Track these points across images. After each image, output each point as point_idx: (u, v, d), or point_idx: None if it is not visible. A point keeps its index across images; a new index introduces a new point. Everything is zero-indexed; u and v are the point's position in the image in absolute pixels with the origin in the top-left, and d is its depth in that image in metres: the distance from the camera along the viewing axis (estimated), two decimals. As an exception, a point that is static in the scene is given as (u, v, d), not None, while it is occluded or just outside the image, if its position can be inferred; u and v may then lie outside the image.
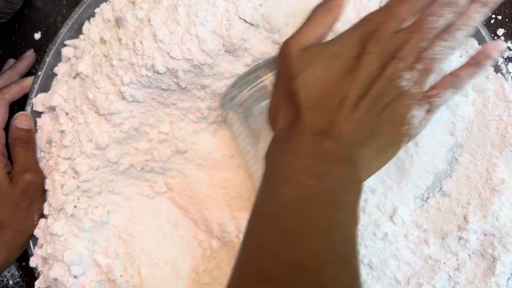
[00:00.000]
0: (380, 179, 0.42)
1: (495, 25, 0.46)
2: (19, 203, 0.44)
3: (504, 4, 0.46)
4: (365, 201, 0.42)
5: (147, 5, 0.41)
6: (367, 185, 0.42)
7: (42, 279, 0.46)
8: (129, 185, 0.46)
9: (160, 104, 0.43)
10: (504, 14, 0.45)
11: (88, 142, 0.43)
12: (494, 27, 0.46)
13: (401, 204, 0.42)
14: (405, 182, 0.42)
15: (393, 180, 0.42)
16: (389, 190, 0.42)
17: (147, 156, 0.45)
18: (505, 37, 0.45)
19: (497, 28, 0.45)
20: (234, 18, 0.39)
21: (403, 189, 0.42)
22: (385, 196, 0.42)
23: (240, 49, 0.40)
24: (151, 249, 0.46)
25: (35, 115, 0.47)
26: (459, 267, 0.41)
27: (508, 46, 0.45)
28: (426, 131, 0.40)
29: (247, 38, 0.40)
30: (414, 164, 0.41)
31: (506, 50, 0.45)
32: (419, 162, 0.42)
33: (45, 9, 0.51)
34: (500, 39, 0.45)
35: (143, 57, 0.40)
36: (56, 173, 0.44)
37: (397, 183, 0.42)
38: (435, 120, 0.41)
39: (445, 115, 0.42)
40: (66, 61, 0.47)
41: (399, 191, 0.42)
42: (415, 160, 0.41)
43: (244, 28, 0.40)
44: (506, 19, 0.45)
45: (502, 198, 0.41)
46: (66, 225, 0.44)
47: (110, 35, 0.43)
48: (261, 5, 0.40)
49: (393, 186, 0.42)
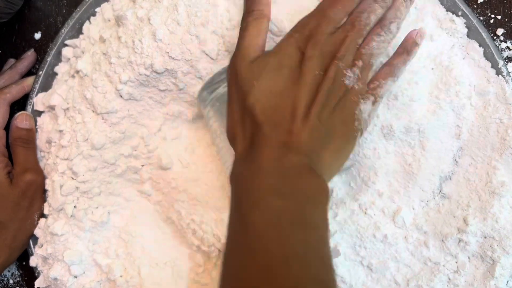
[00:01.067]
0: (387, 183, 0.42)
1: (494, 25, 0.45)
2: (20, 203, 0.44)
3: (503, 4, 0.45)
4: (372, 203, 0.42)
5: (147, 4, 0.41)
6: (375, 189, 0.42)
7: (42, 278, 0.46)
8: (128, 187, 0.46)
9: (157, 103, 0.43)
10: (504, 13, 0.45)
11: (85, 142, 0.43)
12: (494, 27, 0.45)
13: (407, 207, 0.42)
14: (412, 186, 0.42)
15: (400, 184, 0.42)
16: (396, 194, 0.42)
17: (143, 160, 0.45)
18: (505, 37, 0.45)
19: (497, 28, 0.45)
20: (235, 18, 0.39)
21: (410, 192, 0.42)
22: (392, 199, 0.42)
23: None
24: (151, 249, 0.46)
25: (36, 115, 0.47)
26: (458, 269, 0.41)
27: (507, 46, 0.45)
28: (432, 135, 0.41)
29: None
30: (421, 168, 0.41)
31: (506, 50, 0.45)
32: (426, 166, 0.42)
33: (45, 9, 0.51)
34: (499, 39, 0.45)
35: (142, 55, 0.40)
36: (55, 173, 0.44)
37: (405, 187, 0.42)
38: (442, 124, 0.41)
39: (450, 118, 0.41)
40: (66, 60, 0.47)
41: (406, 194, 0.42)
42: (422, 163, 0.41)
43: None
44: (505, 19, 0.45)
45: (502, 200, 0.41)
46: (66, 225, 0.44)
47: (110, 34, 0.43)
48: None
49: (400, 189, 0.42)
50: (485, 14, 0.46)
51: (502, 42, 0.45)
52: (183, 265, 0.46)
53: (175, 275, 0.46)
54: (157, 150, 0.44)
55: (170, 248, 0.47)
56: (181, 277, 0.46)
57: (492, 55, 0.43)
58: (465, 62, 0.42)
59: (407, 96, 0.40)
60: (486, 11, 0.46)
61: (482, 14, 0.46)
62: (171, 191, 0.45)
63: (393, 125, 0.40)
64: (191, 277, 0.46)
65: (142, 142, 0.44)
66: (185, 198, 0.45)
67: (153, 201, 0.47)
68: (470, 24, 0.43)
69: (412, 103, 0.40)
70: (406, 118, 0.41)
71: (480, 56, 0.43)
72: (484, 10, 0.46)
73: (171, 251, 0.47)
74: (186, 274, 0.46)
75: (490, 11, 0.45)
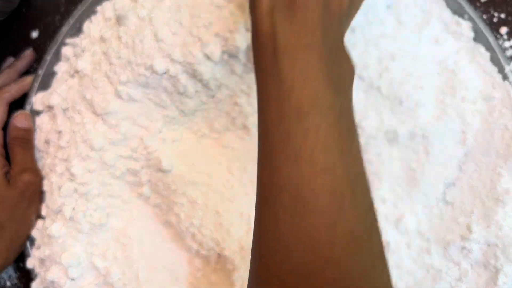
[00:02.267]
0: (391, 189, 0.42)
1: (498, 24, 0.45)
2: (17, 204, 0.44)
3: (507, 2, 0.45)
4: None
5: (149, 4, 0.40)
6: (378, 195, 0.41)
7: (39, 280, 0.45)
8: (127, 189, 0.46)
9: (157, 105, 0.43)
10: (507, 12, 0.45)
11: (84, 143, 0.42)
12: (497, 25, 0.45)
13: (410, 213, 0.42)
14: (416, 192, 0.42)
15: (403, 190, 0.42)
16: (399, 200, 0.42)
17: (142, 162, 0.44)
18: (508, 36, 0.44)
19: (500, 26, 0.45)
20: (240, 21, 0.39)
21: (413, 198, 0.42)
22: (395, 206, 0.42)
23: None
24: (150, 252, 0.46)
25: (35, 114, 0.46)
26: (461, 277, 0.41)
27: (511, 45, 0.44)
28: (437, 140, 0.41)
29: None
30: (425, 173, 0.41)
31: (509, 49, 0.44)
32: (430, 172, 0.41)
33: (43, 7, 0.50)
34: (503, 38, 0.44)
35: (142, 56, 0.39)
36: (54, 174, 0.44)
37: (408, 193, 0.42)
38: (447, 129, 0.40)
39: (455, 124, 0.41)
40: (66, 60, 0.47)
41: (409, 200, 0.42)
42: (426, 169, 0.41)
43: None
44: (509, 18, 0.45)
45: (506, 208, 0.41)
46: (64, 227, 0.44)
47: (111, 34, 0.42)
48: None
49: (404, 195, 0.42)
50: (488, 13, 0.45)
51: (505, 41, 0.44)
52: (182, 269, 0.46)
53: (173, 279, 0.46)
54: (156, 152, 0.44)
55: (168, 252, 0.46)
56: (179, 281, 0.46)
57: (498, 60, 0.42)
58: (471, 67, 0.42)
59: (412, 101, 0.40)
60: (490, 9, 0.45)
61: (486, 13, 0.45)
62: (170, 194, 0.45)
63: (398, 130, 0.40)
64: (190, 281, 0.46)
65: (141, 144, 0.44)
66: (184, 201, 0.44)
67: (152, 203, 0.46)
68: (476, 28, 0.42)
69: (417, 108, 0.40)
70: (410, 123, 0.40)
71: (486, 60, 0.42)
72: (488, 8, 0.45)
73: (170, 255, 0.46)
74: (184, 278, 0.46)
75: (494, 10, 0.45)
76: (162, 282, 0.45)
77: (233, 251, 0.43)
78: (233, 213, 0.44)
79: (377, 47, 0.41)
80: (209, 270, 0.45)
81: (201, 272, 0.45)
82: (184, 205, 0.44)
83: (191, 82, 0.41)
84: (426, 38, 0.42)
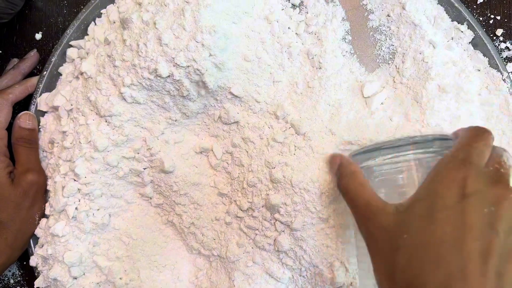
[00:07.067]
0: None
1: (493, 26, 0.45)
2: (21, 203, 0.44)
3: (503, 4, 0.45)
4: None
5: (153, 7, 0.41)
6: None
7: (42, 278, 0.46)
8: (130, 189, 0.46)
9: (160, 107, 0.43)
10: (503, 14, 0.45)
11: (87, 144, 0.43)
12: (493, 27, 0.45)
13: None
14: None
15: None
16: None
17: (145, 163, 0.45)
18: (504, 37, 0.45)
19: (496, 28, 0.45)
20: (242, 27, 0.39)
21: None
22: None
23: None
24: (151, 252, 0.46)
25: (39, 115, 0.47)
26: None
27: (507, 46, 0.45)
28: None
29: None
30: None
31: (505, 50, 0.45)
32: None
33: (46, 9, 0.50)
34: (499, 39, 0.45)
35: (146, 59, 0.39)
36: (58, 174, 0.44)
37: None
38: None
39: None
40: (70, 61, 0.47)
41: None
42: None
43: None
44: (505, 19, 0.45)
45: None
46: (67, 227, 0.44)
47: (115, 36, 0.43)
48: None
49: None
50: (484, 15, 0.45)
51: (501, 42, 0.45)
52: (183, 269, 0.46)
53: (174, 279, 0.46)
54: (159, 154, 0.44)
55: (170, 251, 0.47)
56: (180, 280, 0.46)
57: (497, 66, 0.43)
58: (471, 72, 0.42)
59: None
60: (486, 11, 0.45)
61: (482, 15, 0.45)
62: (172, 195, 0.45)
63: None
64: (191, 280, 0.46)
65: (144, 145, 0.44)
66: (186, 202, 0.45)
67: (154, 204, 0.47)
68: (475, 34, 0.43)
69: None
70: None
71: (485, 66, 0.43)
72: (484, 10, 0.45)
73: (171, 255, 0.47)
74: (185, 278, 0.46)
75: (490, 12, 0.45)
76: (163, 281, 0.46)
77: (233, 251, 0.44)
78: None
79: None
80: (210, 270, 0.46)
81: (202, 272, 0.46)
82: (185, 206, 0.45)
83: (194, 85, 0.41)
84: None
